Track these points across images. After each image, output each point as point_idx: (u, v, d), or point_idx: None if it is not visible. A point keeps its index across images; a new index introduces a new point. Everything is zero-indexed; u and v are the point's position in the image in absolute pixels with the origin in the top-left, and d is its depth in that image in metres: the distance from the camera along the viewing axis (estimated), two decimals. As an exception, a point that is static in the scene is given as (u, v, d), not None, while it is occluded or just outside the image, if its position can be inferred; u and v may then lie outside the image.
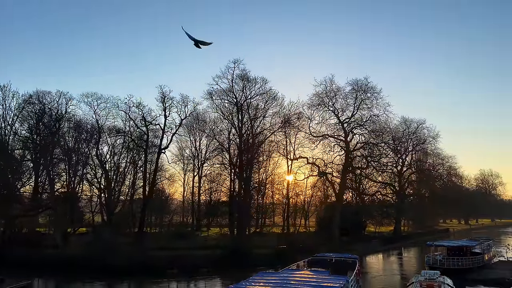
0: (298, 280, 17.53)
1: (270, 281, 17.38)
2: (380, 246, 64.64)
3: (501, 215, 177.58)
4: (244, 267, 43.87)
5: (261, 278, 18.22)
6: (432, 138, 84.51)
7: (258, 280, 17.63)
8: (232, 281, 39.30)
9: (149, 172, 56.55)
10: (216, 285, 39.15)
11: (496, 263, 45.07)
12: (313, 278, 18.23)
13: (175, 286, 38.05)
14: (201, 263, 43.08)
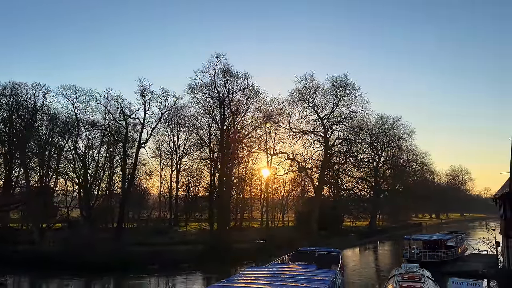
0: (287, 274, 17.69)
1: (260, 275, 17.48)
2: (356, 240, 65.97)
3: (469, 210, 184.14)
4: (226, 262, 44.11)
5: (251, 272, 18.32)
6: (408, 134, 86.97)
7: (249, 274, 17.71)
8: (214, 276, 39.53)
9: (128, 166, 55.65)
10: (198, 280, 38.97)
11: (468, 256, 46.72)
12: (302, 272, 18.44)
13: (156, 281, 37.71)
14: (182, 259, 42.86)
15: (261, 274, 17.76)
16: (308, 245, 41.30)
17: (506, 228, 28.27)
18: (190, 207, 70.67)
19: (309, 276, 17.05)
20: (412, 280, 23.07)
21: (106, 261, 39.38)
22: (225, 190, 55.83)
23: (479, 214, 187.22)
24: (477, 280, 17.69)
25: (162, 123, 61.06)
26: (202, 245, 46.99)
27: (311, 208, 63.47)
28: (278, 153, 64.95)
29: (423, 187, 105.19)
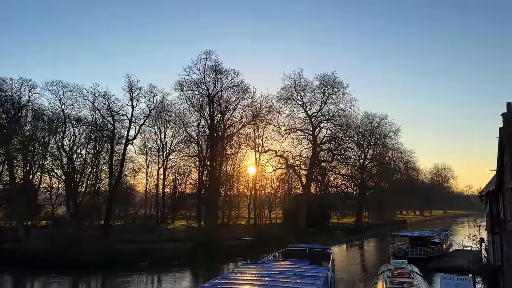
0: (281, 270, 17.74)
1: (255, 271, 17.52)
2: (343, 237, 66.65)
3: (452, 207, 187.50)
4: (215, 259, 44.14)
5: (245, 269, 18.35)
6: (394, 133, 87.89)
7: (243, 271, 17.74)
8: (203, 273, 39.51)
9: (115, 163, 55.04)
10: (188, 277, 38.94)
11: (453, 252, 47.68)
12: (295, 268, 18.52)
13: (145, 279, 37.48)
14: (171, 256, 42.76)
15: (255, 270, 17.80)
16: (296, 242, 41.59)
17: (492, 224, 28.96)
18: (178, 204, 70.29)
19: (303, 273, 17.16)
20: (402, 276, 23.42)
21: (93, 259, 39.03)
22: (214, 187, 55.73)
23: (461, 211, 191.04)
24: (468, 275, 18.03)
25: (149, 119, 60.63)
26: (191, 242, 46.88)
27: (299, 205, 63.82)
28: (266, 151, 65.09)
29: (407, 185, 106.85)
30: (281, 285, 14.40)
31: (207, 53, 55.65)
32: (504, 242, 26.94)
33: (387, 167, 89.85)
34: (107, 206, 52.82)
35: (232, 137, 58.51)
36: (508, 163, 22.83)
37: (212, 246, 46.27)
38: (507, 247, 25.77)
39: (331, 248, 32.41)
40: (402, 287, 20.44)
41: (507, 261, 26.28)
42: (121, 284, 35.20)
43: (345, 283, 36.02)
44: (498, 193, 26.83)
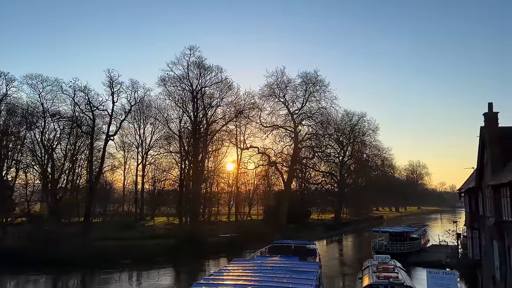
0: (274, 266, 17.88)
1: (247, 267, 17.61)
2: (323, 233, 67.53)
3: (426, 203, 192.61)
4: (198, 256, 44.07)
5: (237, 265, 18.42)
6: (372, 130, 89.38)
7: (235, 267, 17.81)
8: (187, 269, 39.42)
9: (95, 159, 54.03)
10: (171, 274, 38.70)
11: (430, 247, 49.13)
12: (287, 264, 18.69)
13: (128, 276, 37.07)
14: (154, 253, 42.45)
15: (248, 266, 17.90)
16: (279, 238, 41.85)
17: (471, 220, 29.94)
18: (158, 201, 69.56)
19: (296, 268, 17.38)
20: (386, 271, 24.03)
21: (73, 257, 38.38)
22: (197, 183, 55.50)
23: (435, 207, 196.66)
24: (452, 270, 18.72)
25: (131, 115, 59.69)
26: (174, 239, 46.59)
27: (280, 201, 64.27)
28: (249, 147, 65.29)
29: (384, 181, 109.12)
30: (276, 281, 14.57)
31: (191, 49, 55.39)
32: (482, 237, 27.93)
33: (365, 164, 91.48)
34: (87, 203, 51.81)
35: (215, 133, 58.30)
36: (489, 161, 23.67)
37: (194, 243, 46.11)
38: (486, 242, 26.73)
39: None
40: (389, 281, 21.01)
41: (485, 255, 27.26)
42: (103, 282, 34.68)
43: (328, 278, 36.46)
44: (478, 190, 27.75)
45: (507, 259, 21.46)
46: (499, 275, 23.51)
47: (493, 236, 24.16)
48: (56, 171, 52.90)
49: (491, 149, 23.31)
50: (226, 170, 71.56)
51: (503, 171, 22.24)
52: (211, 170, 64.91)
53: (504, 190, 21.14)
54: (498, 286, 23.55)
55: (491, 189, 22.47)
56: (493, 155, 23.13)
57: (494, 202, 22.40)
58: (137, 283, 35.13)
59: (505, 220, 21.10)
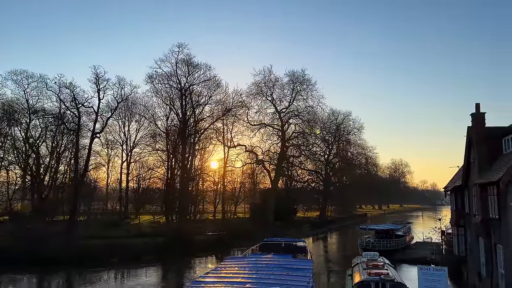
0: (269, 264, 17.96)
1: (243, 265, 17.68)
2: (310, 230, 68.02)
3: (408, 201, 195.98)
4: (186, 254, 43.92)
5: (232, 263, 18.48)
6: (357, 129, 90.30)
7: (231, 265, 17.87)
8: (175, 268, 39.24)
9: (81, 156, 53.20)
10: (159, 272, 38.47)
11: (415, 244, 50.05)
12: (282, 262, 18.81)
13: (114, 275, 36.69)
14: (141, 251, 42.16)
15: (243, 264, 17.95)
16: (266, 236, 41.97)
17: (457, 218, 30.64)
18: (144, 199, 68.95)
19: (291, 266, 17.54)
20: (376, 268, 24.44)
21: (59, 255, 37.86)
22: (185, 181, 55.24)
23: (416, 205, 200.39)
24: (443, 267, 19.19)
25: (118, 112, 58.92)
26: (161, 237, 46.30)
27: (267, 199, 64.45)
28: (236, 145, 65.24)
29: (368, 180, 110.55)
30: (274, 278, 14.69)
31: (180, 46, 54.99)
32: (468, 235, 28.62)
33: (349, 163, 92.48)
34: (73, 201, 51.01)
35: (204, 131, 58.04)
36: (476, 160, 24.26)
37: (182, 241, 45.96)
38: (472, 239, 27.41)
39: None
40: (380, 278, 21.37)
41: (471, 252, 27.96)
42: (90, 281, 34.25)
43: (315, 275, 36.92)
44: (464, 188, 28.40)
45: (493, 256, 22.06)
46: (485, 272, 24.15)
47: (479, 234, 24.79)
48: (41, 168, 51.84)
49: (478, 149, 23.90)
50: (213, 168, 71.39)
51: (489, 170, 22.84)
52: (198, 168, 64.63)
53: (491, 189, 21.72)
54: (484, 282, 24.21)
55: (478, 187, 23.06)
56: (480, 155, 23.72)
57: (481, 200, 22.99)
58: (124, 282, 34.75)
59: (492, 218, 21.69)
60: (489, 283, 22.56)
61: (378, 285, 20.96)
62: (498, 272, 21.32)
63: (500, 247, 20.89)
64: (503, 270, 20.52)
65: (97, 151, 63.15)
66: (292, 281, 14.41)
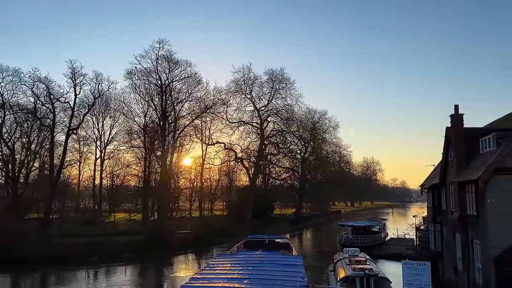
0: (260, 260, 18.17)
1: (235, 262, 17.82)
2: (288, 227, 68.82)
3: (379, 198, 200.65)
4: (166, 252, 43.69)
5: (224, 259, 18.60)
6: (333, 128, 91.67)
7: (223, 261, 17.99)
8: (154, 265, 38.98)
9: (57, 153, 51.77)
10: (139, 270, 38.10)
11: (390, 240, 51.52)
12: (272, 258, 19.07)
13: (94, 273, 36.07)
14: (121, 249, 41.63)
15: (234, 261, 18.10)
16: (246, 233, 42.19)
17: (434, 214, 31.83)
18: (119, 197, 67.83)
19: (281, 262, 17.85)
20: (359, 263, 25.17)
21: (34, 255, 36.98)
22: (165, 179, 54.76)
23: (387, 202, 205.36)
24: (426, 261, 19.97)
25: (96, 108, 57.62)
26: (141, 235, 45.87)
27: (245, 197, 64.64)
28: (215, 143, 65.18)
29: (342, 177, 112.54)
30: (269, 274, 14.96)
31: (160, 42, 54.25)
32: (445, 231, 29.81)
33: (324, 161, 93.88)
34: (48, 198, 49.65)
35: (184, 128, 57.58)
36: (454, 159, 25.30)
37: (161, 239, 45.67)
38: (448, 235, 28.58)
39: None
40: (364, 273, 22.06)
41: (447, 247, 29.16)
42: (69, 279, 33.62)
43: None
44: (441, 186, 29.53)
45: (470, 251, 23.12)
46: (461, 266, 25.29)
47: (456, 230, 25.90)
48: (16, 165, 50.05)
49: (457, 148, 24.93)
50: (190, 166, 70.88)
51: (467, 169, 23.87)
52: (177, 165, 64.02)
53: (469, 187, 22.72)
54: (460, 276, 25.35)
55: (457, 185, 24.05)
56: (459, 154, 24.75)
57: (459, 198, 23.99)
58: (105, 280, 34.21)
59: (469, 215, 22.72)
60: (465, 277, 23.64)
61: (362, 280, 21.63)
62: (475, 266, 22.39)
63: (478, 242, 21.93)
64: (480, 264, 21.55)
65: (69, 148, 61.37)
66: (288, 276, 14.72)
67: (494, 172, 19.99)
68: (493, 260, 19.82)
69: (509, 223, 19.60)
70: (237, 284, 13.03)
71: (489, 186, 20.21)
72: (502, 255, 19.55)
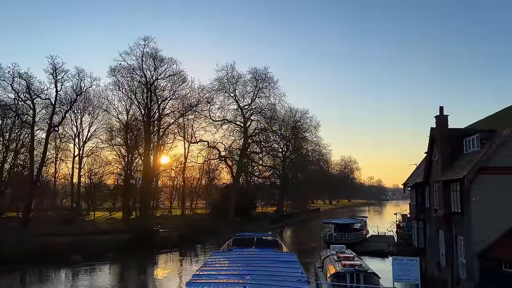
0: (258, 257, 18.35)
1: (232, 259, 17.90)
2: (270, 225, 69.31)
3: (356, 196, 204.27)
4: (150, 251, 43.44)
5: (220, 257, 18.68)
6: (314, 127, 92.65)
7: (221, 259, 18.08)
8: (140, 264, 38.71)
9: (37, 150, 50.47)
10: (124, 269, 37.77)
11: (370, 237, 52.75)
12: (267, 255, 19.33)
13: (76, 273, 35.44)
14: (104, 248, 41.13)
15: (232, 258, 18.20)
16: (230, 232, 42.37)
17: (417, 212, 32.84)
18: (101, 195, 66.77)
19: (278, 258, 18.12)
20: (348, 259, 25.77)
21: (13, 254, 36.35)
22: (148, 177, 54.29)
23: (363, 200, 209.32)
24: (415, 257, 20.72)
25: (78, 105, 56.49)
26: (125, 234, 45.44)
27: (228, 195, 64.70)
28: (198, 141, 65.00)
29: (321, 176, 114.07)
30: (269, 271, 15.19)
31: (146, 39, 53.53)
32: (428, 228, 30.84)
33: (304, 159, 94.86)
34: (28, 196, 48.45)
35: (168, 126, 57.14)
36: (439, 159, 26.22)
37: (147, 237, 45.40)
38: (431, 232, 29.59)
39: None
40: (354, 269, 22.63)
41: (430, 244, 30.19)
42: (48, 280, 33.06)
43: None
44: (425, 185, 30.52)
45: (454, 247, 24.08)
46: (445, 262, 26.27)
47: (440, 227, 26.86)
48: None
49: (441, 148, 25.84)
50: (172, 164, 70.30)
51: (452, 168, 24.82)
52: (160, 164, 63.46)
53: (454, 185, 23.64)
54: (443, 271, 26.31)
55: (442, 184, 24.97)
56: (443, 154, 25.68)
57: (443, 196, 24.92)
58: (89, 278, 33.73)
59: (454, 212, 23.65)
60: (449, 272, 24.58)
61: (353, 275, 22.18)
62: (459, 261, 23.34)
63: (462, 239, 22.87)
64: (464, 260, 22.48)
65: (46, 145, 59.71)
66: (288, 273, 14.98)
67: (478, 171, 20.91)
68: (477, 256, 20.75)
69: (492, 220, 20.52)
70: (242, 280, 13.21)
71: (474, 185, 21.12)
72: (486, 250, 20.48)
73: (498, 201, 20.54)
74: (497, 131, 22.17)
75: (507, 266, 19.47)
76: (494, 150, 21.00)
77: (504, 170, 20.76)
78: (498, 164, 20.89)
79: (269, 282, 13.36)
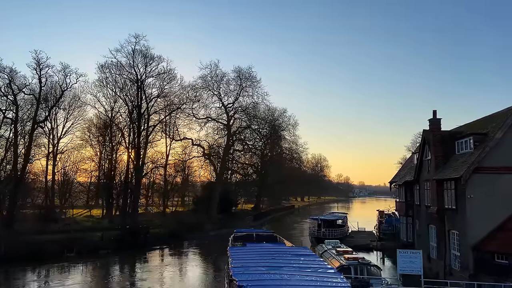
0: (276, 251, 19.09)
1: (255, 252, 18.57)
2: (252, 222, 70.46)
3: (326, 193, 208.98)
4: (142, 247, 43.71)
5: (241, 251, 19.53)
6: (292, 126, 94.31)
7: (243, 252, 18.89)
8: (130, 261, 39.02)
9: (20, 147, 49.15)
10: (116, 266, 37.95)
11: (352, 233, 54.86)
12: (283, 249, 20.27)
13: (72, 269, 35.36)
14: (96, 246, 41.05)
15: (254, 252, 18.92)
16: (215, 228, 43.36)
17: (406, 209, 34.92)
18: (81, 192, 65.72)
19: (296, 252, 19.09)
20: (348, 253, 27.29)
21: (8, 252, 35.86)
22: (138, 175, 54.13)
23: (332, 196, 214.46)
24: (418, 250, 22.43)
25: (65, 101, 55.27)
26: (114, 231, 45.39)
27: (211, 192, 65.22)
28: (182, 139, 65.09)
29: (296, 173, 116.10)
30: (300, 263, 16.07)
31: (136, 37, 52.96)
32: (417, 223, 32.96)
33: (281, 157, 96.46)
34: (13, 194, 47.24)
35: (157, 124, 56.98)
36: (432, 159, 28.19)
37: (136, 234, 45.55)
38: (421, 227, 31.71)
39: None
40: (358, 262, 24.15)
41: (419, 238, 32.32)
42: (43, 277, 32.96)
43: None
44: (415, 183, 32.58)
45: (446, 240, 26.10)
46: (436, 254, 28.34)
47: (431, 222, 28.91)
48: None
49: (435, 149, 27.83)
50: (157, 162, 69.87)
51: (444, 168, 26.84)
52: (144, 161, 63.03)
53: (448, 184, 25.63)
54: (434, 264, 28.37)
55: (435, 182, 26.93)
56: (436, 154, 27.66)
57: (436, 193, 26.89)
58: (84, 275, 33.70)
59: (448, 208, 25.62)
60: (441, 264, 26.62)
61: (357, 268, 23.65)
62: (451, 254, 25.35)
63: (455, 233, 24.88)
64: (458, 252, 24.49)
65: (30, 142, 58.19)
66: (315, 264, 15.85)
67: (474, 170, 22.88)
68: (472, 248, 22.75)
69: (485, 216, 22.55)
70: (281, 273, 13.83)
71: (469, 183, 23.08)
72: (479, 243, 22.49)
73: (490, 198, 22.56)
74: (489, 133, 24.22)
75: (499, 257, 21.42)
76: (487, 151, 23.01)
77: (496, 170, 22.82)
78: (490, 164, 22.91)
79: (307, 273, 14.32)
